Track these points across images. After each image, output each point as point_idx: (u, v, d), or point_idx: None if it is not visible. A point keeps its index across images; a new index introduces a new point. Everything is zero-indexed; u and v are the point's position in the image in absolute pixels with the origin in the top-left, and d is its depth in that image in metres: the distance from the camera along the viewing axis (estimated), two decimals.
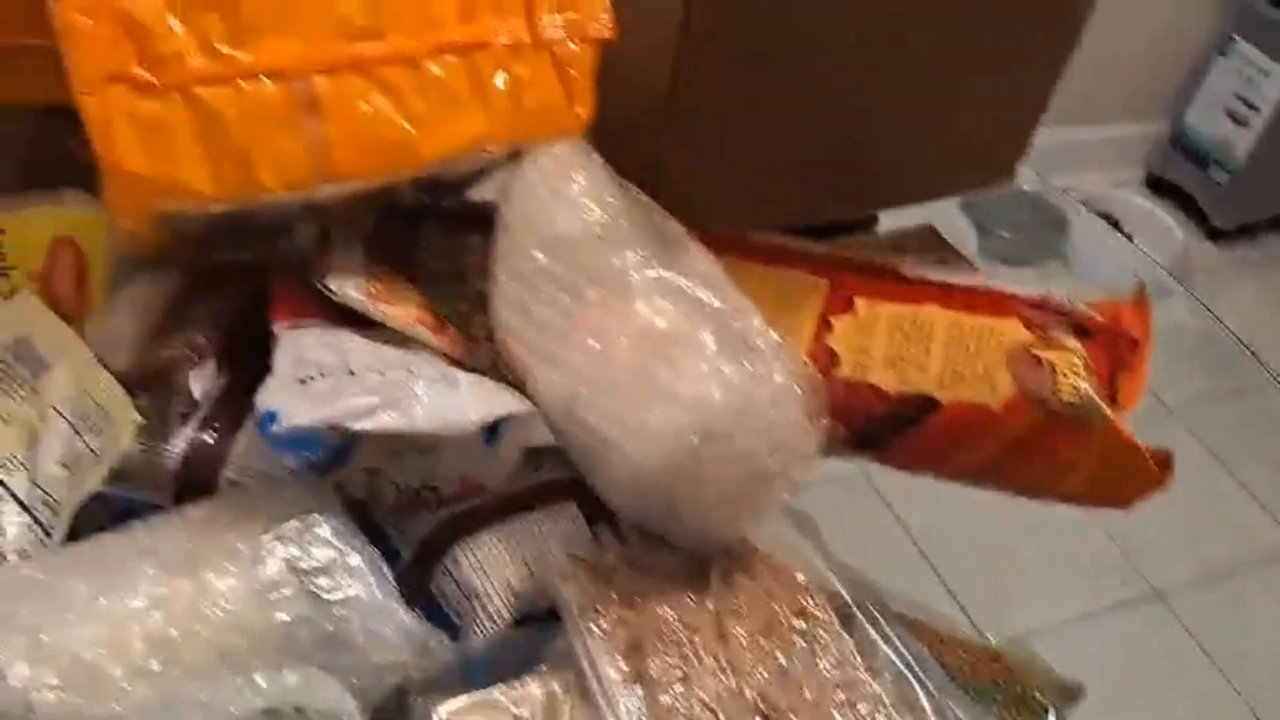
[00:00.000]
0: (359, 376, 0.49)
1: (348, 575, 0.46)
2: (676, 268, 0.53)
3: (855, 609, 0.54)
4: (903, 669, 0.52)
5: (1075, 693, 0.55)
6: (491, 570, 0.51)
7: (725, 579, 0.53)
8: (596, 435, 0.49)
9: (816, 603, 0.54)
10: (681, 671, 0.48)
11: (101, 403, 0.51)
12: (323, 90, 0.51)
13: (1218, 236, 2.44)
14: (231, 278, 0.60)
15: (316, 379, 0.49)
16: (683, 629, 0.50)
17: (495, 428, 0.52)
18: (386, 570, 0.48)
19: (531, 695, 0.47)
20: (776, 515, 0.58)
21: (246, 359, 0.58)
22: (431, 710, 0.45)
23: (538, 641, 0.50)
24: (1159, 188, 2.51)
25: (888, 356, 0.58)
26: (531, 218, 0.54)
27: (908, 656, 0.52)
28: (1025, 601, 1.36)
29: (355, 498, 0.52)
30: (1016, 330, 0.58)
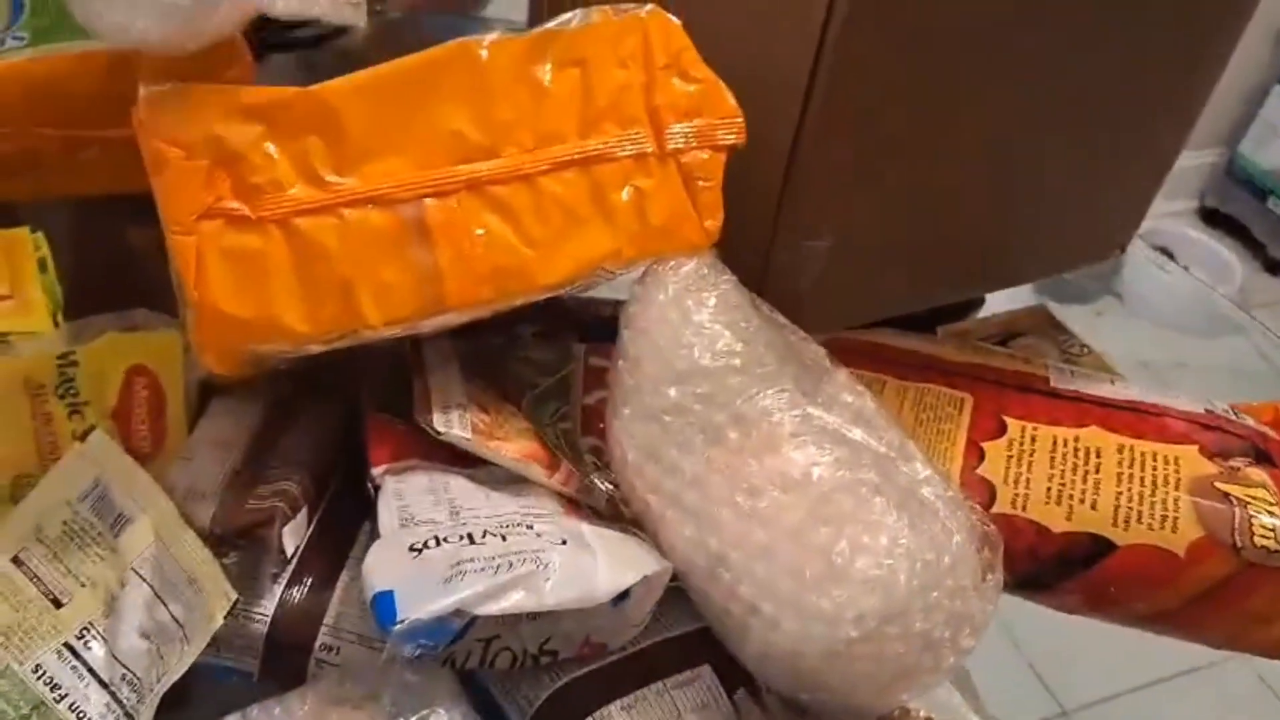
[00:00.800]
0: (479, 544, 0.44)
1: None
2: (823, 401, 0.48)
3: None
4: None
5: None
6: None
7: None
8: (747, 606, 0.43)
9: None
10: None
11: (188, 569, 0.45)
12: (433, 215, 0.46)
13: (1277, 269, 2.37)
14: (317, 406, 0.55)
15: (430, 546, 0.43)
16: None
17: (625, 592, 0.47)
18: None
19: None
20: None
21: (339, 498, 0.53)
22: None
23: None
24: (1214, 220, 2.44)
25: (1051, 491, 0.52)
26: (661, 347, 0.49)
27: None
28: (1096, 667, 1.29)
29: (469, 667, 0.47)
30: (1195, 461, 0.52)
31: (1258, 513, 0.49)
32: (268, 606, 0.48)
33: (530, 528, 0.46)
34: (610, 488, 0.51)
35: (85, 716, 0.43)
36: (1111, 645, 0.64)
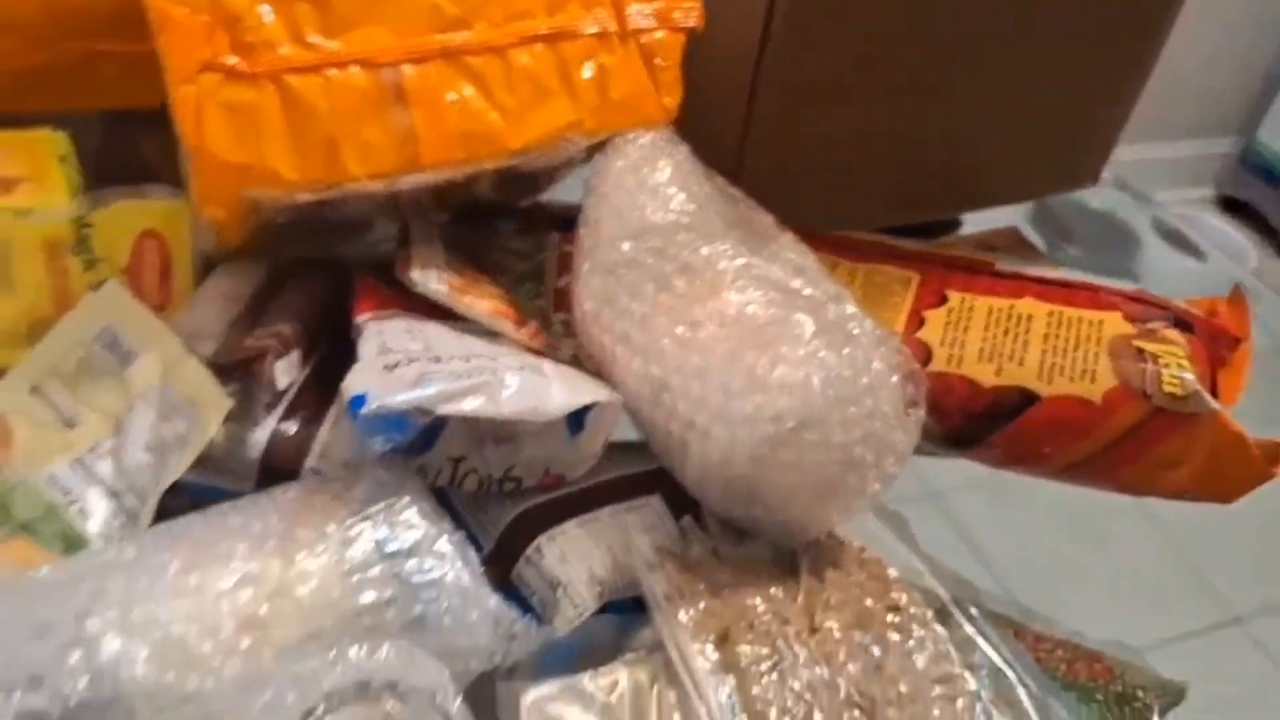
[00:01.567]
0: (445, 363, 0.48)
1: (435, 558, 0.45)
2: (766, 256, 0.52)
3: (950, 605, 0.52)
4: (1000, 665, 0.50)
5: (1180, 693, 0.52)
6: (575, 560, 0.50)
7: (814, 572, 0.52)
8: (685, 422, 0.48)
9: (910, 598, 0.52)
10: (772, 662, 0.47)
11: (188, 390, 0.51)
12: (411, 80, 0.51)
13: None
14: (313, 273, 0.60)
15: (402, 364, 0.48)
16: (773, 619, 0.48)
17: (580, 419, 0.51)
18: (473, 555, 0.47)
19: (619, 683, 0.46)
20: (868, 513, 0.57)
21: (328, 352, 0.58)
22: (519, 695, 0.44)
23: (623, 630, 0.49)
24: (1230, 207, 2.45)
25: (983, 350, 0.56)
26: (618, 208, 0.53)
27: (1005, 653, 0.50)
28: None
29: (438, 486, 0.51)
30: (1117, 323, 0.56)
31: (1167, 365, 0.53)
32: (261, 435, 0.53)
33: (494, 359, 0.50)
34: (573, 344, 0.56)
35: (90, 516, 0.49)
36: None
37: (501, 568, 0.52)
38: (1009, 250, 0.82)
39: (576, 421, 0.52)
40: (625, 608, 0.50)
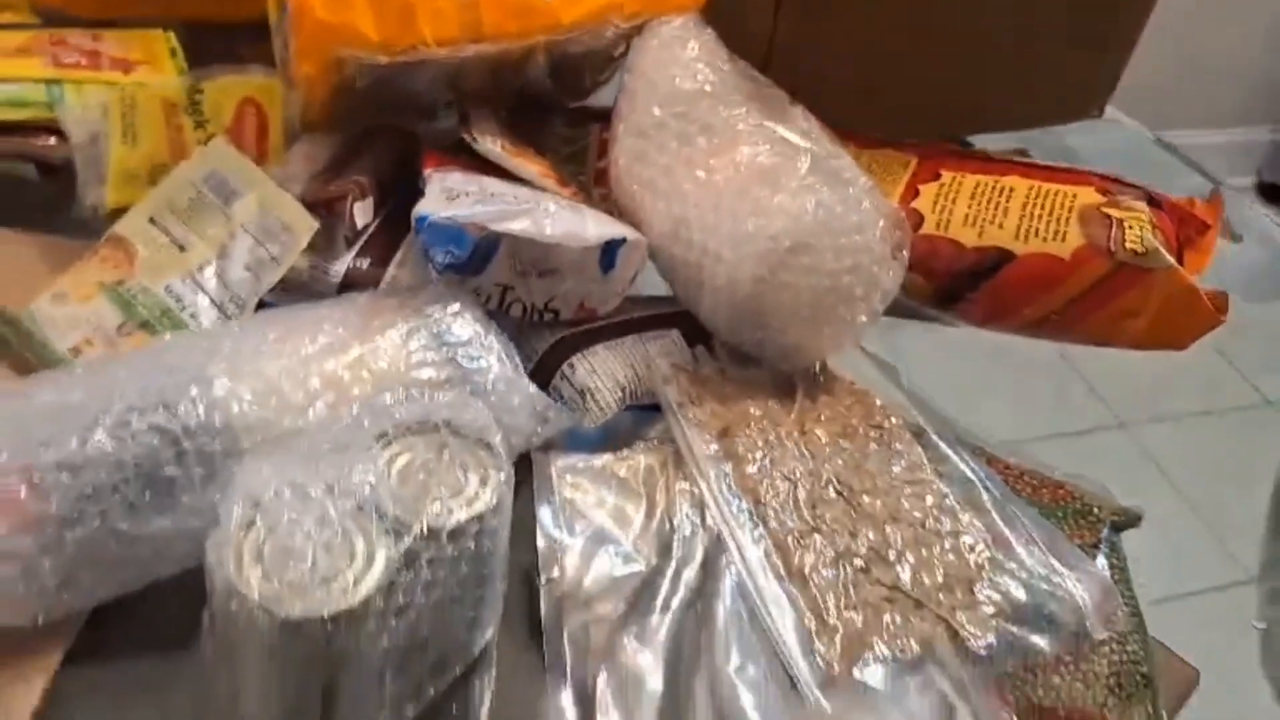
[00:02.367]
0: (498, 197, 0.57)
1: (484, 350, 0.53)
2: (778, 120, 0.60)
3: (930, 432, 0.60)
4: (970, 475, 0.57)
5: (1136, 518, 0.59)
6: (602, 372, 0.59)
7: (808, 394, 0.60)
8: (698, 249, 0.56)
9: (893, 422, 0.60)
10: (764, 451, 0.55)
11: (283, 218, 0.60)
12: None
13: None
14: (386, 142, 0.69)
15: (461, 197, 0.57)
16: (769, 422, 0.56)
17: (612, 259, 0.60)
18: (515, 354, 0.55)
19: (634, 463, 0.55)
20: (861, 356, 0.65)
21: (399, 206, 0.67)
22: (551, 462, 0.53)
23: (641, 425, 0.57)
24: (1272, 195, 2.48)
25: (968, 215, 0.63)
26: (651, 79, 0.62)
27: (974, 467, 0.58)
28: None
29: (489, 310, 0.60)
30: (1090, 194, 0.63)
31: (1131, 227, 0.60)
32: (340, 267, 0.62)
33: (539, 198, 0.59)
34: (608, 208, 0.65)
35: (198, 319, 0.58)
36: None
37: (540, 383, 0.60)
38: None
39: (609, 261, 0.60)
40: (644, 412, 0.59)
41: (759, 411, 0.57)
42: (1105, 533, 0.57)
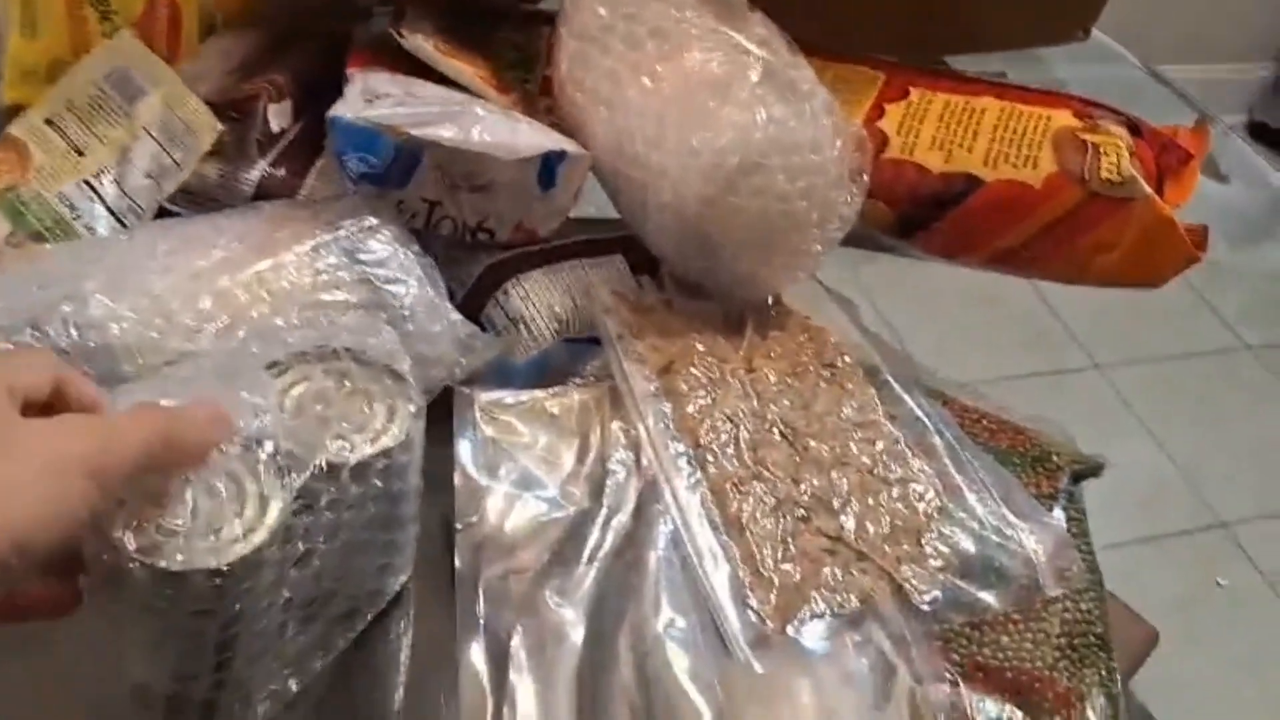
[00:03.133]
0: (422, 99, 0.52)
1: (402, 271, 0.49)
2: (734, 27, 0.55)
3: (885, 372, 0.56)
4: (922, 419, 0.53)
5: (1097, 467, 0.56)
6: (538, 300, 0.54)
7: (759, 330, 0.55)
8: (642, 164, 0.51)
9: (845, 362, 0.56)
10: (706, 390, 0.51)
11: (187, 120, 0.55)
12: None
13: None
14: (312, 43, 0.64)
15: (382, 99, 0.52)
16: (714, 359, 0.52)
17: (551, 174, 0.55)
18: (439, 277, 0.51)
19: (567, 400, 0.50)
20: (819, 292, 0.61)
21: (321, 113, 0.62)
22: (473, 397, 0.49)
23: (577, 359, 0.53)
24: (1262, 134, 2.43)
25: (935, 138, 0.59)
26: None
27: (929, 410, 0.54)
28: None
29: (414, 229, 0.55)
30: (1066, 118, 0.58)
31: (1107, 154, 0.56)
32: (254, 175, 0.57)
33: (469, 103, 0.54)
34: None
35: (94, 229, 0.53)
36: None
37: (471, 312, 0.56)
38: None
39: (548, 176, 0.55)
40: (581, 345, 0.55)
41: (704, 347, 0.53)
42: (1064, 482, 0.54)
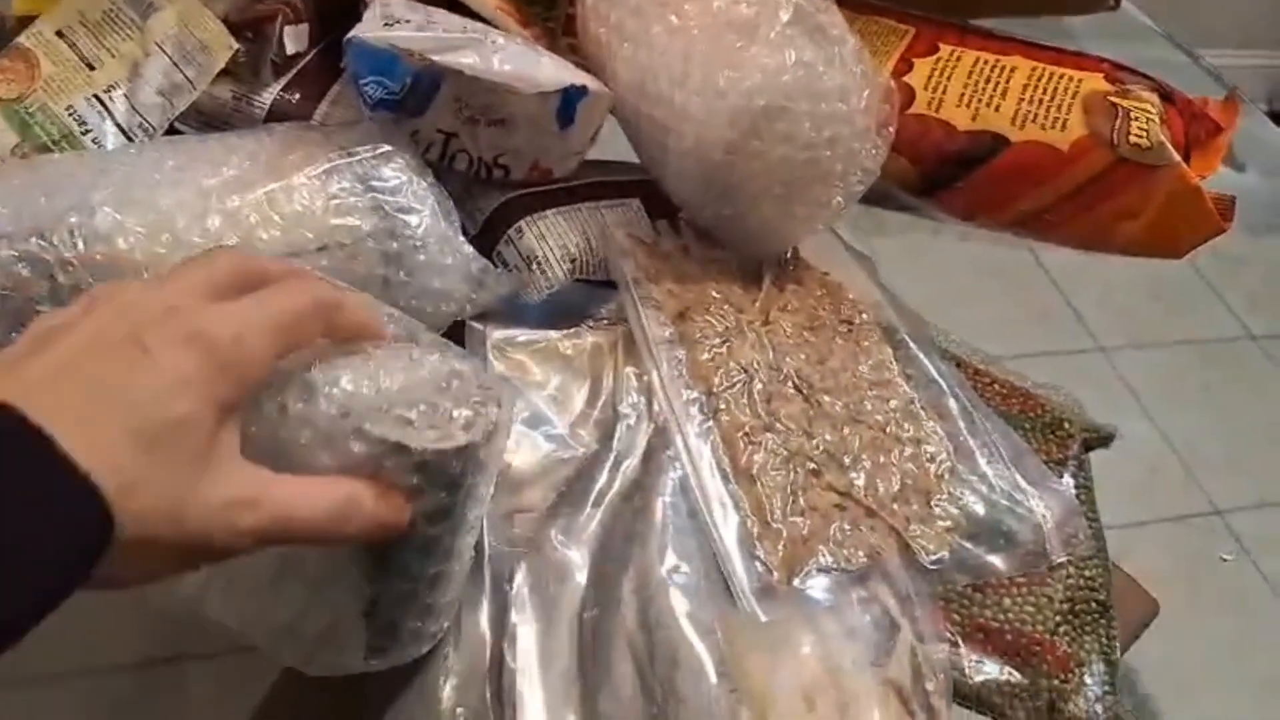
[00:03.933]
0: (443, 25, 0.51)
1: (416, 200, 0.48)
2: None
3: (901, 331, 0.55)
4: (938, 380, 0.53)
5: (1109, 437, 0.55)
6: (552, 240, 0.53)
7: (776, 282, 0.55)
8: (665, 104, 0.50)
9: (863, 318, 0.55)
10: (722, 339, 0.50)
11: (202, 38, 0.53)
12: None
13: None
14: None
15: (401, 24, 0.51)
16: (730, 307, 0.51)
17: (570, 111, 0.54)
18: (452, 209, 0.50)
19: (580, 342, 0.50)
20: (838, 247, 0.60)
21: (337, 41, 0.60)
22: (485, 333, 0.48)
23: (591, 301, 0.52)
24: None
25: (963, 95, 0.58)
26: None
27: (945, 372, 0.53)
28: None
29: (430, 161, 0.54)
30: (1097, 81, 0.57)
31: (1136, 119, 0.55)
32: (267, 97, 0.56)
33: (490, 32, 0.53)
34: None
35: (102, 145, 0.52)
36: None
37: (484, 249, 0.55)
38: None
39: (567, 113, 0.54)
40: (595, 287, 0.54)
41: (720, 295, 0.52)
42: (1075, 450, 0.53)
